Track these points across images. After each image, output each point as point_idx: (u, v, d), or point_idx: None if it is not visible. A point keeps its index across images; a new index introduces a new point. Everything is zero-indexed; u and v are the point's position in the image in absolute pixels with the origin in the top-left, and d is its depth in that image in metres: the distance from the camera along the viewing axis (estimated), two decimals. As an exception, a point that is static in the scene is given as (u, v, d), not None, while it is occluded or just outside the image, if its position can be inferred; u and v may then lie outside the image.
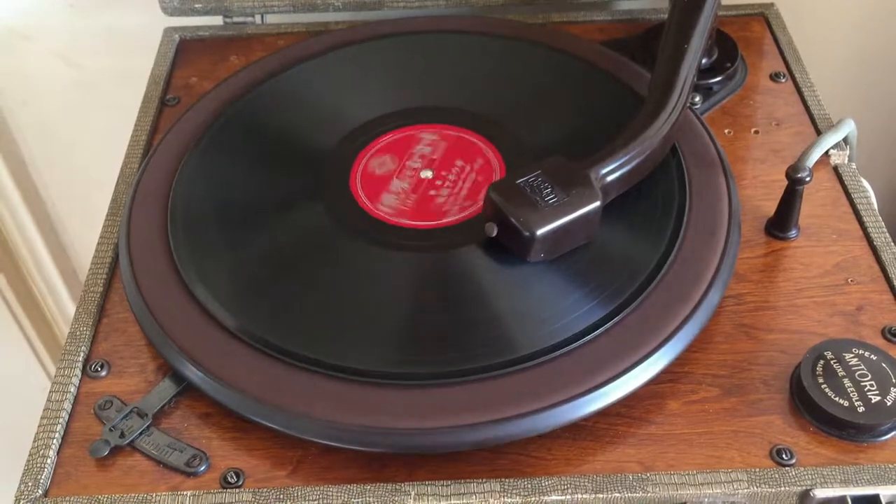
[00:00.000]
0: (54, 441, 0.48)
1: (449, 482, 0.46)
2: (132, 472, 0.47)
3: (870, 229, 0.57)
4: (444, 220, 0.56)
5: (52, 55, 0.86)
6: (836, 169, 0.61)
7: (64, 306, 1.05)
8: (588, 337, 0.49)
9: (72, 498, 0.46)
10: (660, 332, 0.49)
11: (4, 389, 1.07)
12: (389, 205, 0.56)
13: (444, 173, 0.58)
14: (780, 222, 0.57)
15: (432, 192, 0.57)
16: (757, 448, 0.47)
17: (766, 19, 0.74)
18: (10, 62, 0.86)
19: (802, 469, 0.46)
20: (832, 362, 0.48)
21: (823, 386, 0.47)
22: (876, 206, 0.59)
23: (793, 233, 0.57)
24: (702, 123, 0.61)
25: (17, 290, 0.99)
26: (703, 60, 0.66)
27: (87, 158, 0.92)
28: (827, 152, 0.61)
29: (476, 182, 0.58)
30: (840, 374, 0.48)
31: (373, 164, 0.58)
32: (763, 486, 0.45)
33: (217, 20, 0.76)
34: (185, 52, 0.74)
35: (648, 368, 0.48)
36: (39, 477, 0.47)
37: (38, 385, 1.08)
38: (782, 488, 0.45)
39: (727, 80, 0.67)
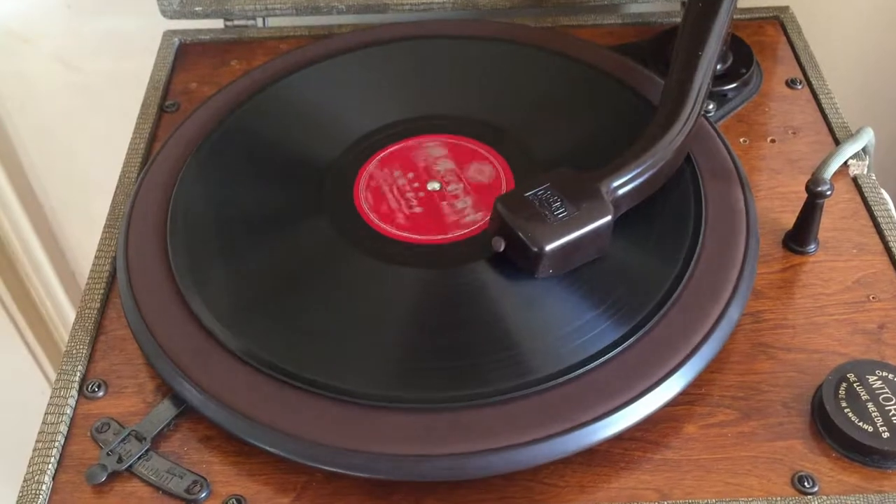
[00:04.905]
0: (49, 466, 0.46)
1: (458, 510, 0.44)
2: (130, 499, 0.45)
3: (891, 243, 0.55)
4: (381, 227, 0.55)
5: (50, 58, 0.84)
6: (855, 180, 0.59)
7: (62, 310, 1.04)
8: (601, 359, 0.47)
9: (67, 526, 0.45)
10: (676, 352, 0.47)
11: (2, 394, 1.06)
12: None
13: (417, 187, 0.57)
14: (799, 236, 0.55)
15: (403, 198, 0.56)
16: (777, 475, 0.45)
17: (780, 23, 0.72)
18: (8, 65, 0.85)
19: (825, 498, 0.44)
20: (855, 385, 0.47)
21: (846, 410, 0.46)
22: (896, 216, 0.57)
23: (812, 247, 0.55)
24: (717, 132, 0.59)
25: (15, 293, 0.98)
26: (718, 66, 0.64)
27: (86, 162, 0.91)
28: (846, 162, 0.59)
29: (425, 212, 0.56)
30: (863, 397, 0.46)
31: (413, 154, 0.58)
32: (784, 515, 0.44)
33: (218, 23, 0.74)
34: (184, 56, 0.72)
35: (665, 391, 0.46)
36: (34, 504, 0.45)
37: (37, 389, 1.07)
38: (804, 518, 0.44)
39: (742, 86, 0.65)
